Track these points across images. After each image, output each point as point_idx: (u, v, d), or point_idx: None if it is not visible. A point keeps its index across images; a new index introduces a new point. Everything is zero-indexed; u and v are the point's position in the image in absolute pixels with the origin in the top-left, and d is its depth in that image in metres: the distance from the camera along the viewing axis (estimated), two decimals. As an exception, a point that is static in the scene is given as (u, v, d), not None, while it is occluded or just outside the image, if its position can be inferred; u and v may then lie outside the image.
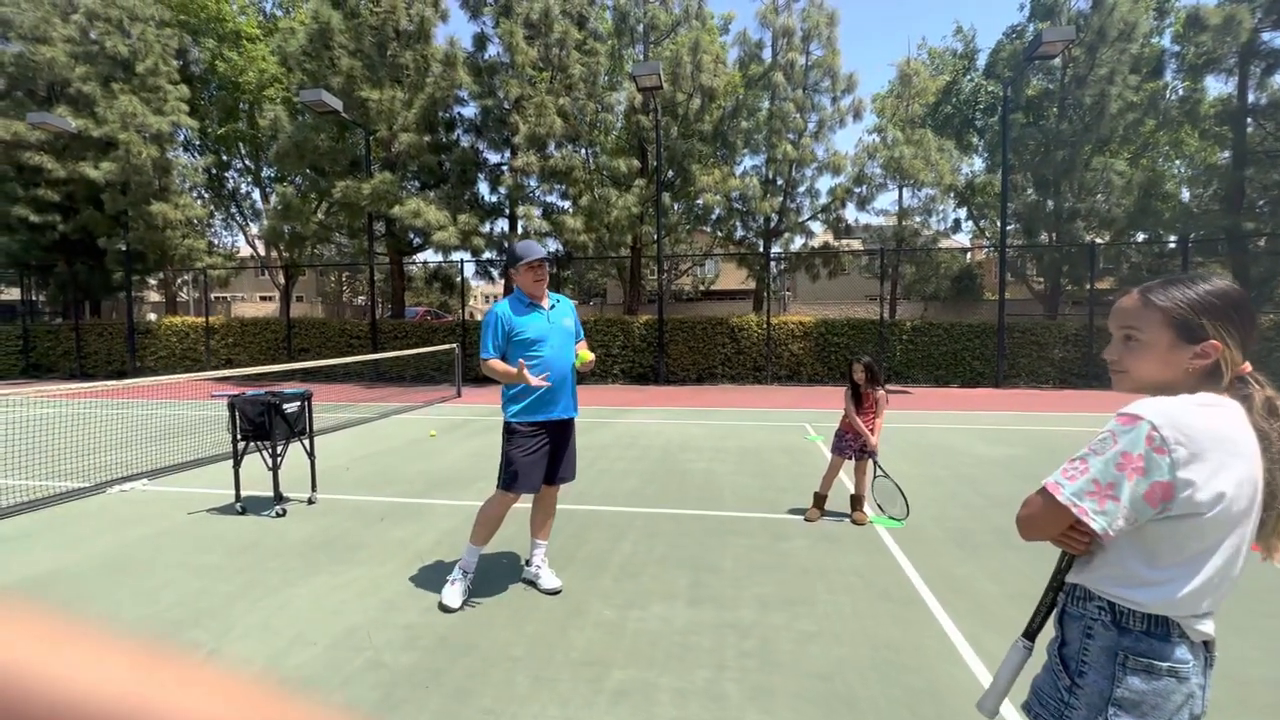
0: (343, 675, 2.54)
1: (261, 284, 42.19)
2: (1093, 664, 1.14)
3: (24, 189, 16.80)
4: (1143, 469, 1.05)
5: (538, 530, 3.49)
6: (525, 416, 3.20)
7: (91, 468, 6.15)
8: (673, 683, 2.50)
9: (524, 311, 3.23)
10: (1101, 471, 1.08)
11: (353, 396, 12.35)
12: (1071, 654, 1.18)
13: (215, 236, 25.64)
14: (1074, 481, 1.11)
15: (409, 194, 14.98)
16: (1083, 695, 1.15)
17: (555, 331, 3.26)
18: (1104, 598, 1.15)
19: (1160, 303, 1.15)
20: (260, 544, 4.10)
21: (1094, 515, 1.08)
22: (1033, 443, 7.37)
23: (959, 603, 3.18)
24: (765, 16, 16.04)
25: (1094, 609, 1.16)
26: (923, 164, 15.57)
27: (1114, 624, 1.13)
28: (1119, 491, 1.06)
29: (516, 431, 3.20)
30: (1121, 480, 1.06)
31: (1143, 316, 1.17)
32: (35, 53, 16.30)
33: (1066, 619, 1.21)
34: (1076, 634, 1.18)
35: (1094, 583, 1.16)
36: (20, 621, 0.28)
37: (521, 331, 3.18)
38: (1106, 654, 1.13)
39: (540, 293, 3.26)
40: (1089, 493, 1.09)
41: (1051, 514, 1.14)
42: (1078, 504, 1.09)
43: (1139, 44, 15.97)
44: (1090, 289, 14.25)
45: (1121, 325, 1.21)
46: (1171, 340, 1.14)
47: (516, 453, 3.19)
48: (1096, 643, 1.14)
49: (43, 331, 17.79)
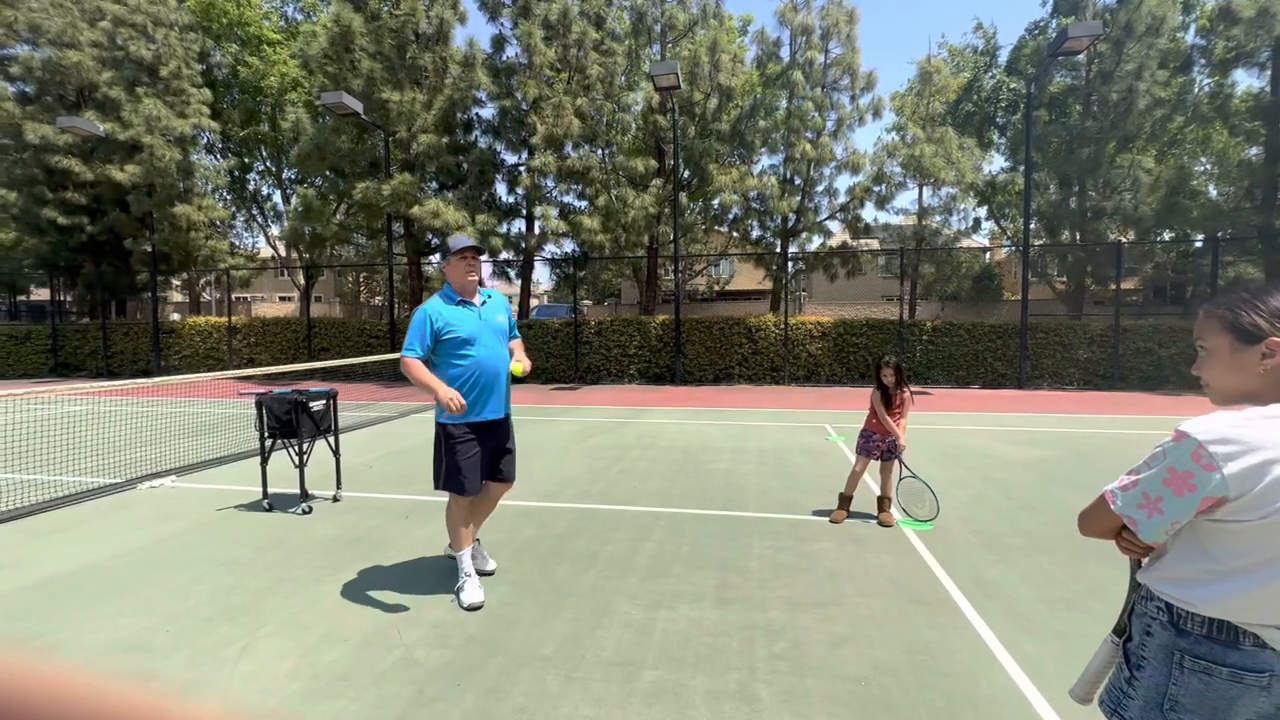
0: (375, 672, 2.55)
1: (281, 284, 42.77)
2: (1150, 660, 1.19)
3: (53, 191, 17.20)
4: (1192, 485, 1.09)
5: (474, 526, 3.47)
6: (458, 419, 3.10)
7: (122, 464, 6.27)
8: (705, 684, 2.48)
9: (454, 308, 3.13)
10: (1150, 485, 1.14)
11: (372, 395, 12.47)
12: (1133, 649, 1.24)
13: (237, 238, 26.08)
14: (1126, 492, 1.18)
15: (428, 195, 15.09)
16: (1139, 688, 1.20)
17: (487, 330, 3.17)
18: (1162, 597, 1.19)
19: (1214, 310, 1.22)
20: (288, 540, 4.14)
21: (1141, 525, 1.16)
22: (1059, 445, 7.23)
23: (993, 607, 3.12)
24: (784, 14, 15.93)
25: (1153, 608, 1.21)
26: (944, 162, 15.38)
27: (1171, 624, 1.16)
28: (1165, 505, 1.12)
29: (451, 435, 3.11)
30: (1169, 495, 1.11)
31: (1205, 327, 1.23)
32: (63, 58, 16.68)
33: (1134, 617, 1.27)
34: (1138, 631, 1.24)
35: (1153, 583, 1.21)
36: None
37: (452, 330, 3.08)
38: (1164, 652, 1.17)
39: (471, 287, 3.18)
40: (1139, 504, 1.16)
41: (1103, 518, 1.23)
42: (1128, 515, 1.17)
43: (1167, 38, 15.63)
44: (1117, 289, 13.97)
45: (1197, 339, 1.27)
46: (1231, 344, 1.17)
47: (456, 457, 3.11)
48: (1154, 640, 1.19)
49: (70, 331, 18.18)
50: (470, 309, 3.18)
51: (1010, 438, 7.70)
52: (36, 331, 18.17)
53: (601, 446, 7.19)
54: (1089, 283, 17.86)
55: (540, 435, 7.90)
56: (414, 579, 3.50)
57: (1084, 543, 3.99)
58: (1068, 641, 2.79)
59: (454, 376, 3.11)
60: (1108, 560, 3.63)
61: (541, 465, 6.24)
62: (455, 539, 3.28)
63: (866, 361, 14.22)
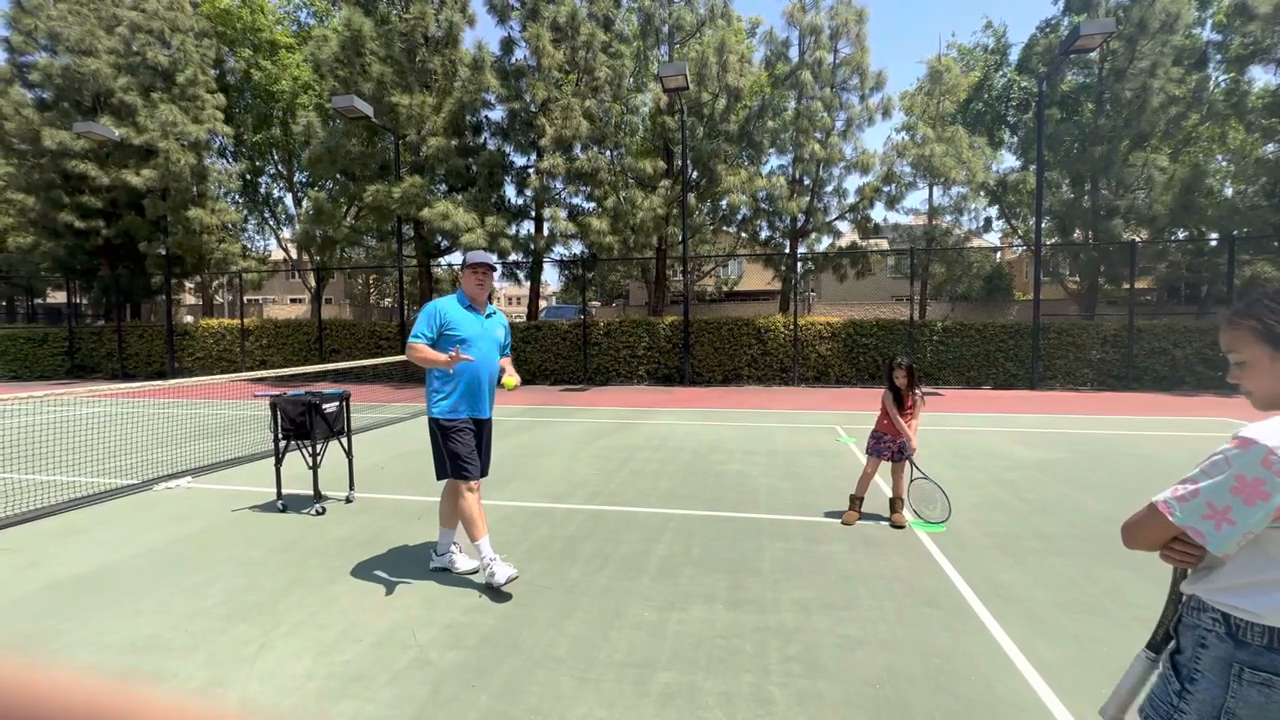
0: (390, 672, 2.57)
1: (292, 286, 43.16)
2: (1205, 672, 1.14)
3: (69, 196, 17.45)
4: (1265, 493, 1.05)
5: (449, 521, 3.58)
6: (453, 414, 3.37)
7: (138, 465, 6.34)
8: (718, 686, 2.48)
9: (462, 311, 3.41)
10: (1216, 495, 1.09)
11: (384, 397, 12.55)
12: (1184, 661, 1.19)
13: (249, 241, 26.34)
14: (1185, 503, 1.12)
15: (437, 197, 15.18)
16: (1193, 701, 1.15)
17: (486, 338, 3.44)
18: (1218, 608, 1.14)
19: (1244, 320, 1.18)
20: (302, 541, 4.17)
21: (1210, 538, 1.09)
22: (1073, 446, 7.17)
23: (1008, 610, 3.10)
24: (792, 14, 15.89)
25: (1208, 620, 1.16)
26: (954, 162, 15.28)
27: (1229, 635, 1.12)
28: (1235, 515, 1.07)
29: (446, 426, 3.36)
30: (1238, 504, 1.07)
31: (1236, 338, 1.20)
32: (81, 65, 16.91)
33: (1182, 628, 1.22)
34: (1190, 643, 1.19)
35: (1208, 593, 1.15)
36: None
37: (455, 329, 3.34)
38: (1220, 664, 1.13)
39: (481, 299, 3.48)
40: (1204, 515, 1.10)
41: (1156, 530, 1.17)
42: (1194, 527, 1.10)
43: (1181, 35, 15.46)
44: (1130, 288, 13.82)
45: (1227, 351, 1.24)
46: (1269, 353, 1.15)
47: (455, 444, 3.35)
48: (1210, 652, 1.14)
49: (87, 333, 18.43)
50: (476, 315, 3.46)
51: (1023, 439, 7.63)
52: (53, 334, 18.44)
53: (611, 447, 7.20)
54: (1102, 282, 17.67)
55: (550, 436, 7.92)
56: (427, 580, 3.52)
57: (1099, 545, 3.95)
58: (1085, 645, 2.76)
59: (452, 373, 3.35)
60: (1124, 563, 3.59)
61: (552, 466, 6.25)
62: (470, 530, 3.37)
63: (876, 362, 14.15)
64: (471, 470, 3.36)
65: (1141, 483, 5.53)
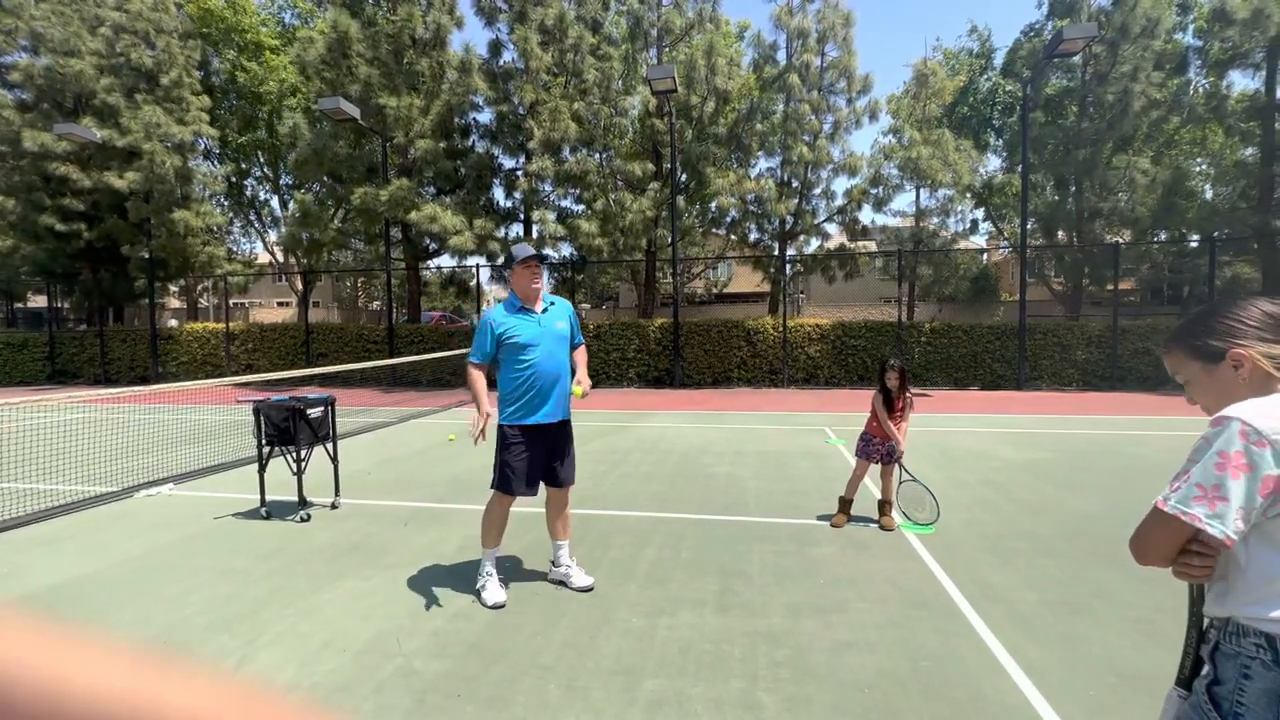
0: (375, 682, 2.53)
1: (279, 290, 42.72)
2: (1250, 706, 1.05)
3: (50, 198, 17.17)
4: (1246, 465, 1.03)
5: (557, 534, 3.50)
6: (516, 419, 3.25)
7: (119, 472, 6.23)
8: (706, 692, 2.46)
9: (514, 316, 3.27)
10: (1203, 475, 1.07)
11: (371, 401, 12.44)
12: (1225, 694, 1.09)
13: (234, 244, 26.04)
14: (1178, 492, 1.09)
15: (425, 199, 15.08)
16: None
17: (547, 336, 3.28)
18: (1260, 630, 1.06)
19: (1173, 344, 1.26)
20: (286, 549, 4.11)
21: (1208, 520, 1.04)
22: (1060, 446, 7.22)
23: (996, 612, 3.10)
24: (780, 18, 15.98)
25: (1250, 646, 1.07)
26: (940, 164, 15.42)
27: (1276, 663, 1.04)
28: (1225, 491, 1.04)
29: (508, 434, 3.26)
30: (1225, 480, 1.04)
31: (1174, 361, 1.27)
32: (64, 66, 16.66)
33: (1220, 656, 1.12)
34: (1232, 673, 1.09)
35: (1241, 612, 1.08)
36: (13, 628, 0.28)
37: (513, 335, 3.22)
38: (1268, 696, 1.04)
39: (534, 294, 3.30)
40: (1195, 498, 1.06)
41: (1161, 528, 1.11)
42: (1186, 511, 1.07)
43: (1162, 40, 15.69)
44: (1114, 289, 13.99)
45: (1173, 374, 1.30)
46: (1203, 367, 1.21)
47: (509, 455, 3.25)
48: (1256, 684, 1.05)
49: (68, 338, 18.13)
50: (530, 316, 3.29)
51: (1010, 439, 7.69)
52: (33, 339, 18.12)
53: (601, 450, 7.17)
54: (1086, 283, 17.88)
55: (539, 440, 7.87)
56: (413, 587, 3.48)
57: (1086, 545, 3.97)
58: (1072, 645, 2.77)
59: (513, 379, 3.25)
60: (1111, 563, 3.61)
61: (541, 470, 6.20)
62: (486, 537, 3.34)
63: (865, 364, 14.22)
64: (514, 485, 3.23)
65: (1127, 482, 5.58)
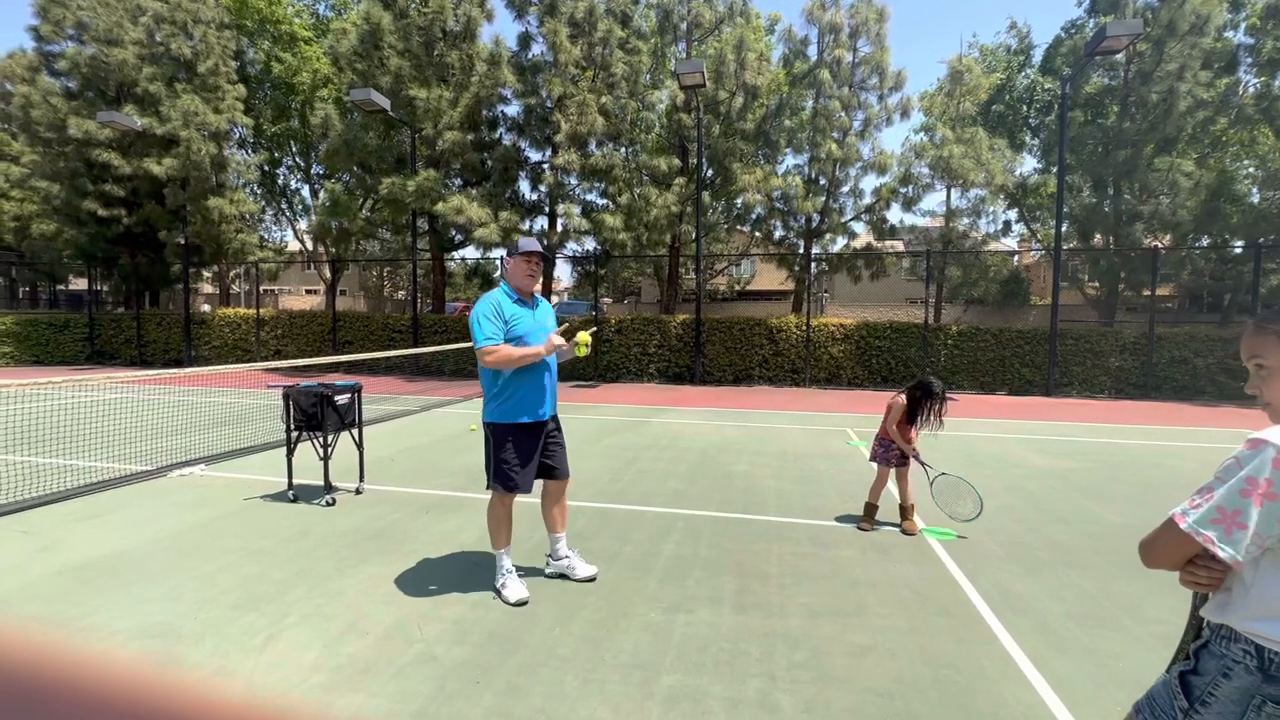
0: (396, 666, 2.57)
1: (307, 278, 43.54)
2: (1220, 699, 1.11)
3: (93, 184, 17.71)
4: (1274, 494, 1.01)
5: (555, 525, 3.50)
6: (510, 418, 3.17)
7: (154, 451, 6.43)
8: (724, 691, 2.45)
9: (515, 305, 3.21)
10: (1226, 498, 1.05)
11: (395, 389, 12.63)
12: (1199, 683, 1.15)
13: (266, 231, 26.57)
14: (1198, 510, 1.08)
15: (452, 191, 15.23)
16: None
17: (541, 330, 3.25)
18: (1251, 639, 1.09)
19: (1273, 325, 1.15)
20: (312, 532, 4.20)
21: (1220, 544, 1.05)
22: (1090, 455, 7.05)
23: (1020, 621, 3.05)
24: (812, 13, 15.74)
25: (1238, 651, 1.11)
26: (973, 164, 15.08)
27: (1259, 669, 1.08)
28: (1246, 519, 1.03)
29: (500, 432, 3.18)
30: (1248, 506, 1.02)
31: (1262, 343, 1.16)
32: (108, 54, 17.14)
33: (1205, 653, 1.17)
34: (1212, 669, 1.14)
35: (1240, 621, 1.10)
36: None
37: (515, 324, 3.16)
38: (1241, 694, 1.09)
39: (529, 289, 3.30)
40: (1213, 520, 1.06)
41: (1173, 543, 1.12)
42: (1201, 532, 1.06)
43: (1212, 38, 15.12)
44: (1152, 295, 13.57)
45: (1249, 357, 1.20)
46: None
47: (505, 454, 3.17)
48: (1232, 683, 1.10)
49: (106, 320, 18.71)
50: (527, 309, 3.26)
51: (1038, 446, 7.52)
52: (75, 320, 18.74)
53: (620, 445, 7.18)
54: (1122, 289, 17.38)
55: (560, 433, 7.92)
56: (435, 574, 3.53)
57: (1116, 558, 3.88)
58: (1099, 660, 2.71)
59: (506, 373, 3.17)
60: (1141, 576, 3.51)
61: (561, 463, 6.24)
62: (494, 538, 3.31)
63: (889, 365, 14.03)
64: (515, 482, 3.16)
65: (1160, 495, 5.43)
